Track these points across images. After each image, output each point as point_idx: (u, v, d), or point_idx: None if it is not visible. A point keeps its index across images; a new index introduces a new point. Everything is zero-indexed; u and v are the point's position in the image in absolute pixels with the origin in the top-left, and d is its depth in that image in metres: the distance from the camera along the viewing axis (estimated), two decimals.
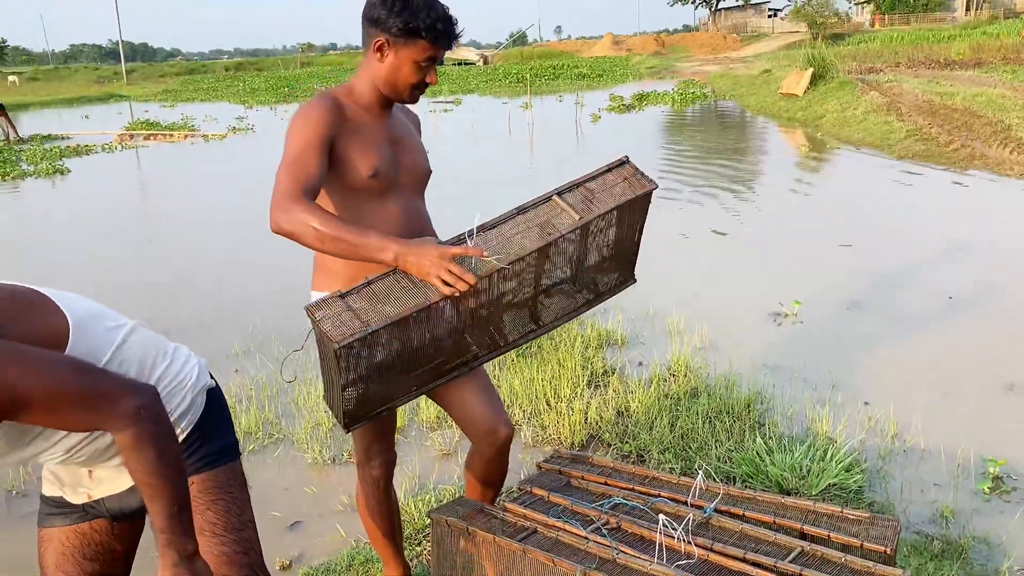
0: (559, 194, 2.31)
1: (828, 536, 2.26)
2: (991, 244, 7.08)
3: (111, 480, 1.80)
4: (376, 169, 2.22)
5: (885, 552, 2.18)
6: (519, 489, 2.60)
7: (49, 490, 1.87)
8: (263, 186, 2.26)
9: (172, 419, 1.68)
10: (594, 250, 2.44)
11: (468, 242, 2.13)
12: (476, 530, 2.34)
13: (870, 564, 2.11)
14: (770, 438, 3.72)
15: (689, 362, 4.73)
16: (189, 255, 8.34)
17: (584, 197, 2.32)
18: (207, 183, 13.39)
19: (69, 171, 14.98)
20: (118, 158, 17.09)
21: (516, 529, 2.37)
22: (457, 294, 2.03)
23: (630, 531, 2.31)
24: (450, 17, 2.22)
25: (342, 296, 2.05)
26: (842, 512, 2.36)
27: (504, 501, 2.57)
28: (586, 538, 2.31)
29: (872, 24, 56.23)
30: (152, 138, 20.07)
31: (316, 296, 2.31)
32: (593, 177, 2.37)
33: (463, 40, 2.40)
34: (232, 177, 13.72)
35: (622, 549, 2.24)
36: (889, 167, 11.32)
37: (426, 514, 2.95)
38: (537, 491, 2.56)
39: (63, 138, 20.77)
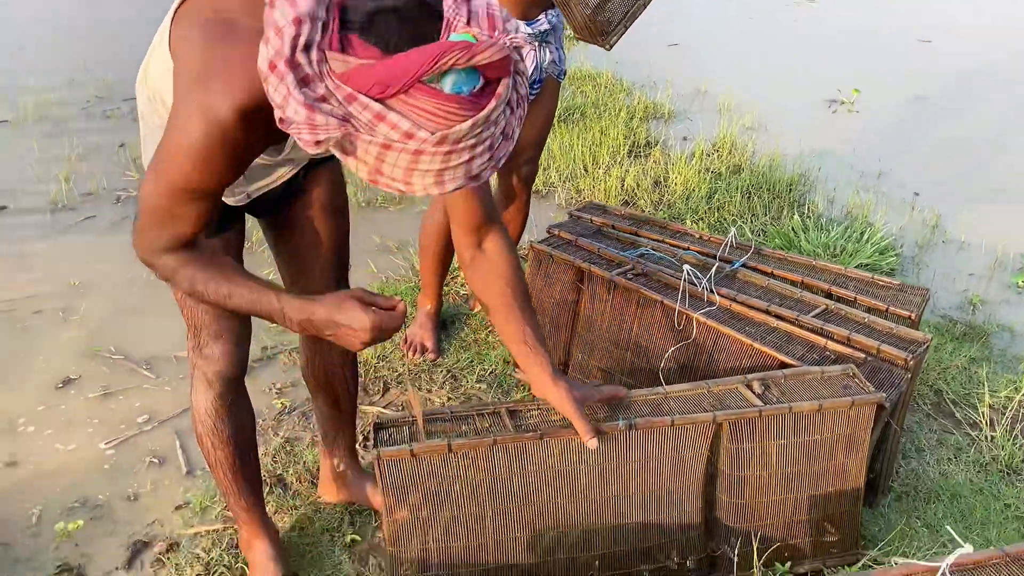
0: None
1: (855, 298, 2.24)
2: None
3: (265, 175, 1.62)
4: None
5: (910, 317, 2.16)
6: (548, 232, 2.59)
7: None
8: None
9: None
10: None
11: None
12: None
13: (892, 326, 2.11)
14: (808, 216, 3.66)
15: (735, 140, 4.59)
16: None
17: None
18: None
19: None
20: None
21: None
22: None
23: (655, 278, 2.31)
24: None
25: None
26: (872, 278, 2.33)
27: (531, 242, 2.58)
28: (611, 280, 2.32)
29: None
30: None
31: None
32: None
33: None
34: None
35: (643, 293, 2.25)
36: None
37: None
38: (565, 235, 2.55)
39: None
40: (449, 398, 2.59)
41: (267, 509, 1.98)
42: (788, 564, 1.91)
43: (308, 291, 1.83)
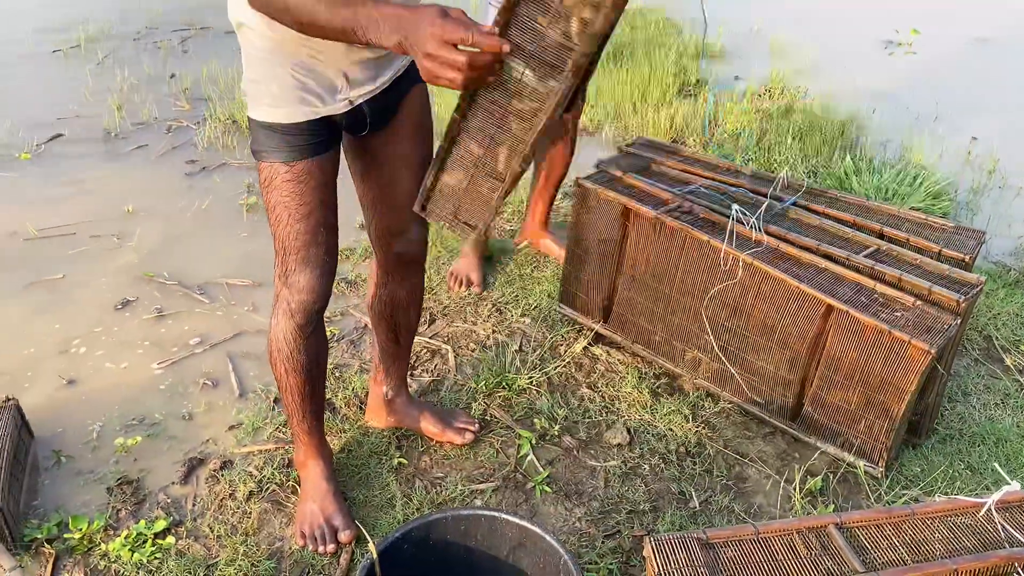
0: None
1: (907, 239, 2.21)
2: None
3: (367, 80, 1.61)
4: None
5: (964, 260, 2.13)
6: (596, 167, 2.57)
7: (294, 114, 1.57)
8: None
9: None
10: None
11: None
12: None
13: (945, 268, 2.08)
14: (860, 159, 3.59)
15: (788, 82, 4.49)
16: None
17: None
18: None
19: None
20: None
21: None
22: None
23: (704, 217, 2.30)
24: None
25: None
26: (926, 219, 2.30)
27: (578, 178, 2.56)
28: (656, 219, 2.31)
29: None
30: None
31: None
32: None
33: None
34: None
35: (690, 233, 2.24)
36: None
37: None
38: (613, 171, 2.53)
39: None
40: (495, 330, 2.62)
41: None
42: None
43: (390, 218, 1.86)
